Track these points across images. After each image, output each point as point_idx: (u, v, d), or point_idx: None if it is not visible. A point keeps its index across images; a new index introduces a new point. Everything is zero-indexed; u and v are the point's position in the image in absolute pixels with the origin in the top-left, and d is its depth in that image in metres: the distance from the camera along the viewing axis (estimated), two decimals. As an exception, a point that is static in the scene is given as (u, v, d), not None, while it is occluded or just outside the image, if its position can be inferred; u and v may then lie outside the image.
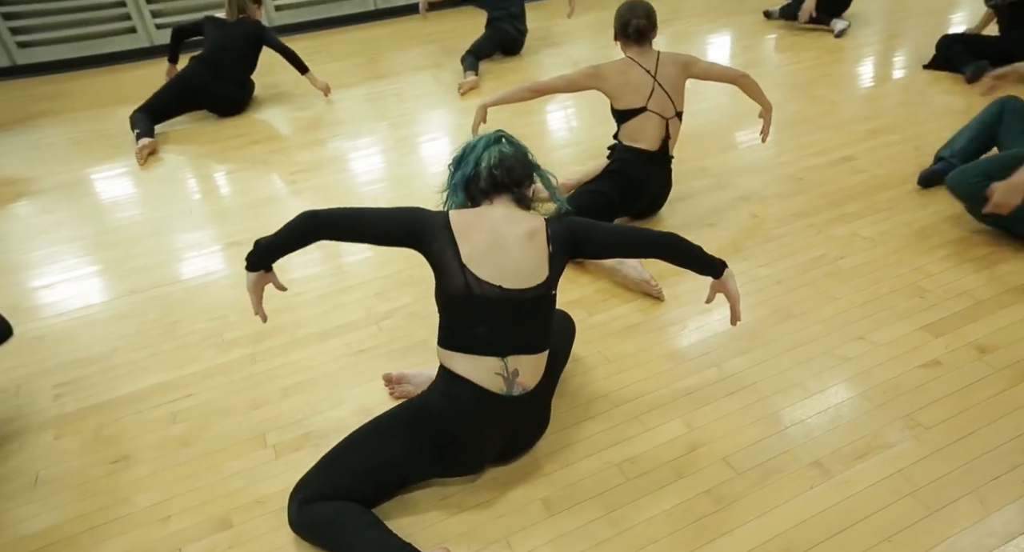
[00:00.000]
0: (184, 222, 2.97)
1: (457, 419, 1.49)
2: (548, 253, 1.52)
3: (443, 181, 1.75)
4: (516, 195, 1.64)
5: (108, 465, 1.75)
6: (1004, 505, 1.43)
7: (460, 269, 1.47)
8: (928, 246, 2.30)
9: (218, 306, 2.36)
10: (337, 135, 3.78)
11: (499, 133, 1.69)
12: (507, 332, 1.47)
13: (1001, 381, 1.74)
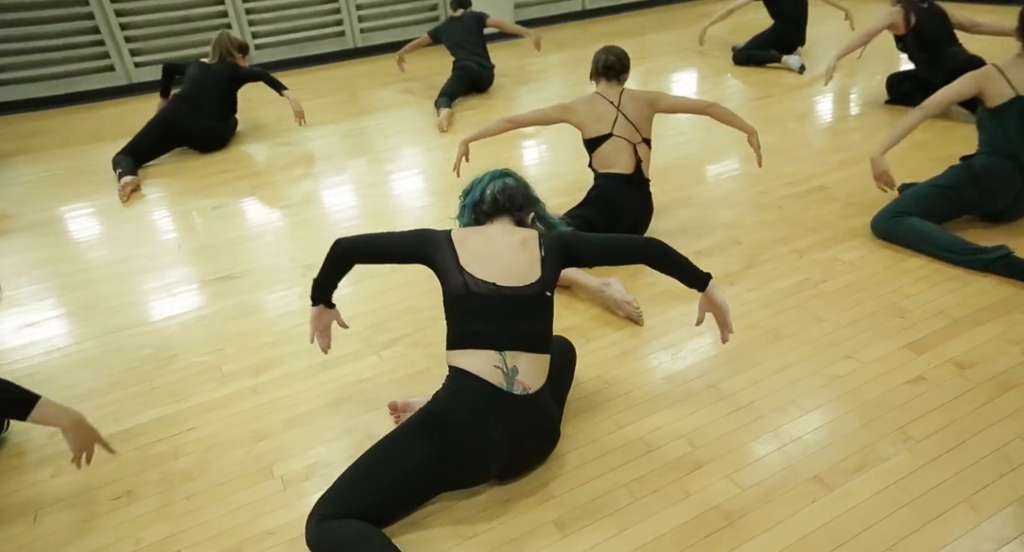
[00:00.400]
0: (173, 257, 2.97)
1: (461, 413, 1.54)
2: (540, 256, 1.66)
3: (443, 212, 1.83)
4: (515, 218, 1.80)
5: (110, 502, 1.73)
6: (995, 512, 1.50)
7: (459, 271, 1.62)
8: (904, 269, 2.42)
9: (215, 340, 2.36)
10: (323, 170, 3.83)
11: (505, 169, 1.86)
12: (503, 327, 1.57)
13: (982, 395, 1.83)
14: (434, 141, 4.14)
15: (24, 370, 2.26)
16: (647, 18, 7.22)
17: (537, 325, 1.62)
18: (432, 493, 1.60)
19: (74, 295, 2.71)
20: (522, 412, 1.57)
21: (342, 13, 6.34)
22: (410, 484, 1.54)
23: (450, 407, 1.56)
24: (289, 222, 3.24)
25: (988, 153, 2.51)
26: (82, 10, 5.48)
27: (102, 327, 2.49)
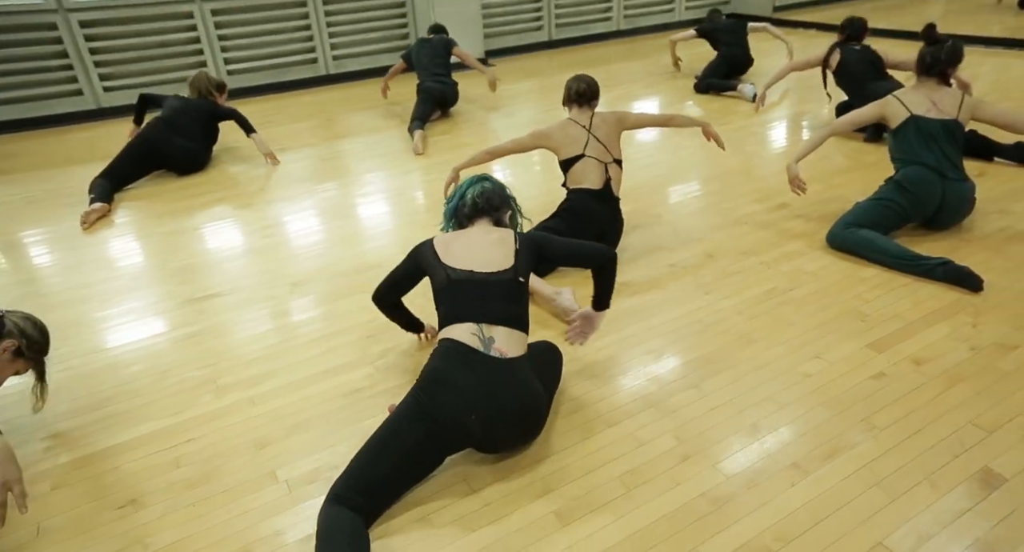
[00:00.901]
0: (158, 276, 2.99)
1: (441, 368, 1.74)
2: (515, 249, 1.89)
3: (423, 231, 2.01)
4: (494, 218, 2.05)
5: (115, 511, 1.75)
6: (952, 488, 1.65)
7: (442, 267, 1.87)
8: (861, 277, 2.60)
9: (207, 355, 2.40)
10: (302, 192, 3.90)
11: (483, 175, 2.13)
12: (480, 305, 1.79)
13: (936, 387, 2.00)
14: (410, 164, 4.25)
15: (10, 387, 2.25)
16: (611, 49, 7.52)
17: (511, 306, 1.81)
18: (431, 459, 1.73)
19: (57, 315, 2.70)
20: (499, 373, 1.72)
21: (315, 40, 6.45)
22: (411, 454, 1.67)
23: (434, 367, 1.76)
24: (271, 242, 3.29)
25: (903, 166, 2.81)
26: (50, 34, 5.47)
27: (89, 346, 2.50)
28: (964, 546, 1.50)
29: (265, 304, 2.71)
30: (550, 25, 7.61)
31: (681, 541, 1.56)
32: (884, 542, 1.52)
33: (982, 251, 2.73)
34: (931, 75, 2.84)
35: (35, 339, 1.95)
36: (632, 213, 3.23)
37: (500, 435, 1.75)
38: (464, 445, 1.76)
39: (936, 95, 2.79)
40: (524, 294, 1.88)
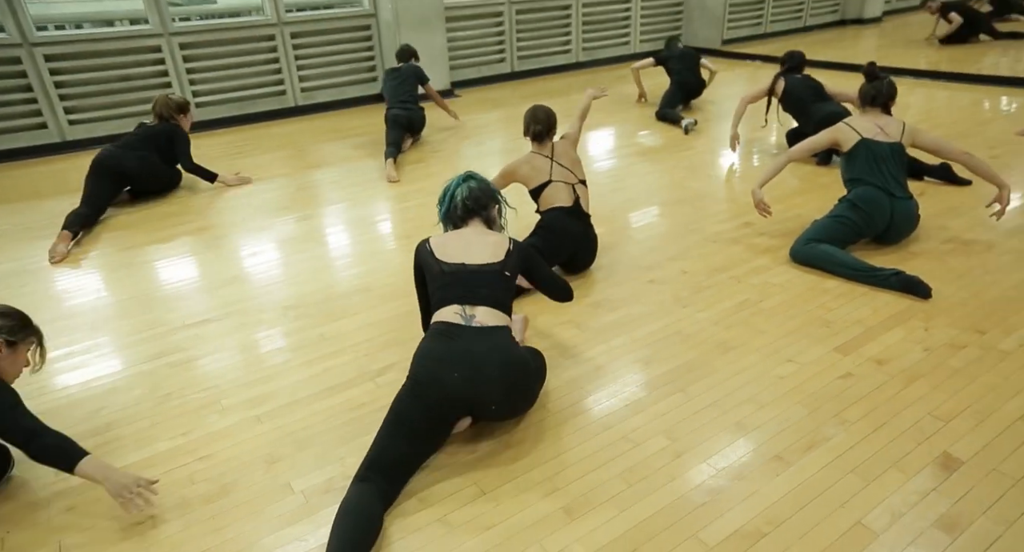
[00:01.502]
0: (145, 305, 3.02)
1: (427, 341, 1.97)
2: (507, 249, 2.11)
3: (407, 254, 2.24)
4: (484, 217, 2.24)
5: (135, 527, 1.80)
6: (918, 471, 1.83)
7: (436, 262, 2.08)
8: (824, 288, 2.82)
9: (207, 378, 2.45)
10: (282, 220, 3.97)
11: (468, 173, 2.30)
12: (466, 290, 2.00)
13: (897, 384, 2.20)
14: (385, 191, 4.37)
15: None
16: (571, 79, 7.82)
17: (495, 292, 2.01)
18: (438, 430, 1.91)
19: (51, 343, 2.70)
20: (478, 338, 1.91)
21: (283, 72, 6.54)
22: (419, 429, 1.85)
23: (420, 346, 1.98)
24: (256, 268, 3.35)
25: (854, 187, 3.08)
26: (14, 68, 5.44)
27: (84, 372, 2.52)
28: (931, 521, 1.68)
29: (258, 328, 2.78)
30: (512, 57, 7.89)
31: (682, 528, 1.69)
32: (862, 521, 1.69)
33: (927, 263, 2.99)
34: (875, 105, 3.14)
35: (10, 322, 1.92)
36: (608, 233, 3.42)
37: (489, 394, 1.87)
38: (461, 409, 1.90)
39: (881, 122, 3.08)
40: (509, 286, 2.08)
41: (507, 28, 7.71)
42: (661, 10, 8.91)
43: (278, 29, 6.40)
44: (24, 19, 5.35)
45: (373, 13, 6.81)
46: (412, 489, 1.86)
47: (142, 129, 4.35)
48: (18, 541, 1.77)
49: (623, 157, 4.81)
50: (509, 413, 2.00)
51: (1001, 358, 2.31)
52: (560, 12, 8.06)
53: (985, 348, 2.37)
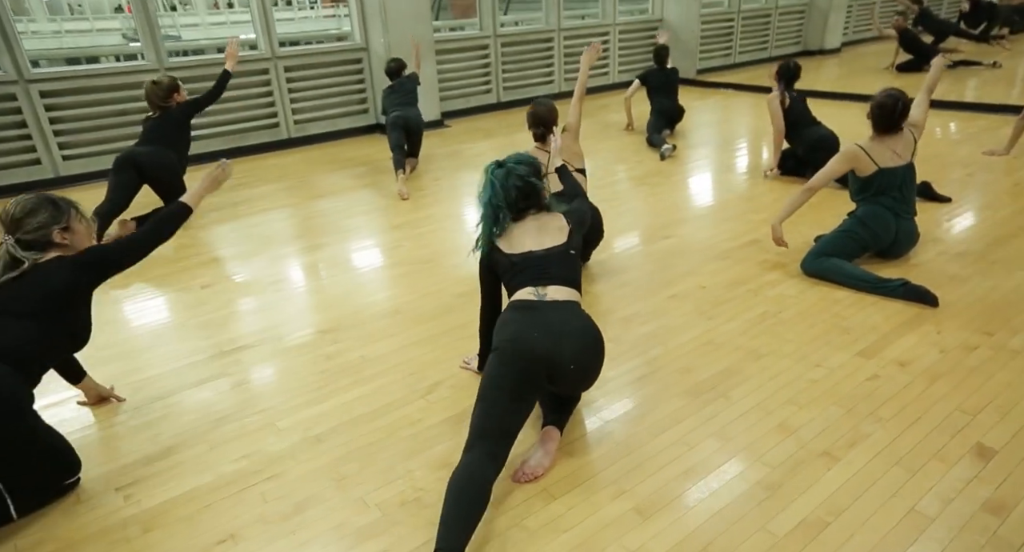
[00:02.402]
0: (179, 333, 3.04)
1: (508, 314, 2.06)
2: (568, 230, 2.20)
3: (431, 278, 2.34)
4: (537, 206, 2.26)
5: (216, 546, 1.83)
6: (957, 461, 1.97)
7: (506, 257, 2.17)
8: (836, 298, 2.99)
9: (257, 400, 2.49)
10: (300, 248, 4.03)
11: (500, 163, 2.29)
12: (537, 273, 2.09)
13: (921, 383, 2.36)
14: (397, 219, 4.46)
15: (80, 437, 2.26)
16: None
17: (563, 271, 2.11)
18: (529, 393, 1.96)
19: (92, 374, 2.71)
20: (554, 308, 2.02)
21: (277, 106, 6.63)
22: (514, 393, 1.91)
23: (499, 320, 2.09)
24: (284, 295, 3.39)
25: (863, 205, 3.26)
26: (10, 105, 5.43)
27: (133, 401, 2.53)
28: (978, 505, 1.81)
29: (298, 352, 2.82)
30: (498, 88, 8.10)
31: (750, 522, 1.79)
32: (916, 508, 1.81)
33: (929, 272, 3.19)
34: (894, 132, 3.20)
35: (48, 212, 2.00)
36: (621, 254, 3.56)
37: (569, 350, 1.95)
38: (543, 368, 1.94)
39: (895, 145, 3.19)
40: (576, 264, 2.19)
41: (493, 60, 7.93)
42: (638, 42, 9.27)
43: (272, 63, 6.50)
44: (20, 56, 5.36)
45: (365, 47, 6.97)
46: (484, 498, 1.93)
47: (147, 124, 4.44)
48: (103, 564, 1.79)
49: (621, 183, 4.99)
50: (583, 377, 2.05)
51: (1012, 356, 2.49)
52: (543, 45, 8.33)
53: (996, 348, 2.55)
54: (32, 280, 1.94)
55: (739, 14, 10.23)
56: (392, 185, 5.09)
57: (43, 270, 1.96)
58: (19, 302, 1.92)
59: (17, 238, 1.96)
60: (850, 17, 11.86)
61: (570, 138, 3.33)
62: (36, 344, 1.95)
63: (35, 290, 1.93)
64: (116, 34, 24.61)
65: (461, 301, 3.14)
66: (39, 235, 1.98)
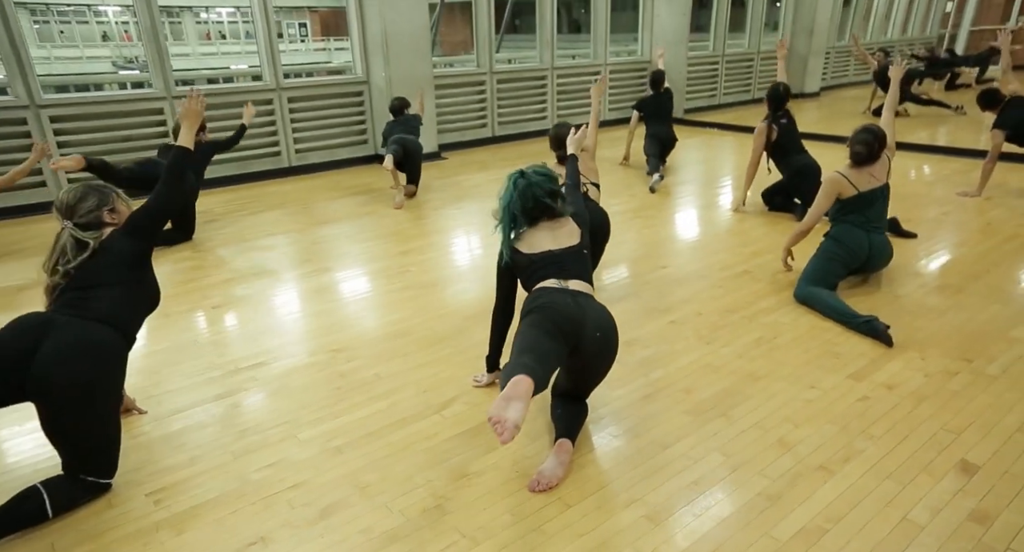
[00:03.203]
0: (193, 351, 3.12)
1: (543, 292, 2.23)
2: (579, 232, 2.41)
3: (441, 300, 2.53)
4: (550, 213, 2.42)
5: (247, 547, 1.91)
6: (944, 475, 2.12)
7: (526, 256, 2.37)
8: (826, 326, 3.16)
9: (278, 414, 2.58)
10: (307, 272, 4.14)
11: (520, 174, 2.45)
12: (557, 268, 2.29)
13: (908, 405, 2.51)
14: (403, 245, 4.60)
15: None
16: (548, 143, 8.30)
17: (579, 268, 2.32)
18: (561, 337, 2.09)
19: (107, 388, 2.79)
20: (577, 294, 2.21)
21: (279, 135, 6.79)
22: (549, 329, 2.08)
23: (531, 295, 2.27)
24: (295, 316, 3.50)
25: (834, 223, 3.51)
26: (19, 129, 5.54)
27: (154, 413, 2.61)
28: (964, 515, 1.95)
29: (312, 369, 2.92)
30: (493, 123, 8.36)
31: (754, 528, 1.91)
32: (908, 517, 1.94)
33: (910, 304, 3.38)
34: (871, 162, 3.44)
35: (96, 198, 2.24)
36: (622, 283, 3.72)
37: (596, 320, 2.16)
38: (574, 329, 2.10)
39: (873, 169, 3.45)
40: (587, 262, 2.39)
41: (489, 96, 8.20)
42: (628, 81, 9.62)
43: (276, 94, 6.69)
44: (33, 82, 5.49)
45: (366, 80, 7.19)
46: (503, 507, 2.03)
47: (167, 152, 4.61)
48: (139, 564, 1.86)
49: (615, 216, 5.10)
50: (603, 349, 2.20)
51: (991, 382, 2.66)
52: (537, 82, 8.63)
53: (975, 374, 2.72)
54: (103, 255, 2.18)
55: (723, 57, 10.68)
56: (391, 214, 5.24)
57: (107, 245, 2.20)
58: (102, 274, 2.16)
59: (75, 222, 2.19)
60: (828, 63, 12.41)
61: (587, 157, 3.60)
62: (129, 306, 2.22)
63: (110, 260, 2.18)
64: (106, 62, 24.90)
65: (470, 323, 3.27)
66: (92, 217, 2.22)
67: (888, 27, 13.96)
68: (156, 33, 5.93)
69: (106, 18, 26.68)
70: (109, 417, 2.11)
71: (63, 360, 1.95)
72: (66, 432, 2.00)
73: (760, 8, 10.86)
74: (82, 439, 2.03)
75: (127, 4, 24.93)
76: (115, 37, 26.51)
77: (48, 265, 2.16)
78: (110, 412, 2.12)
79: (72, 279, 2.13)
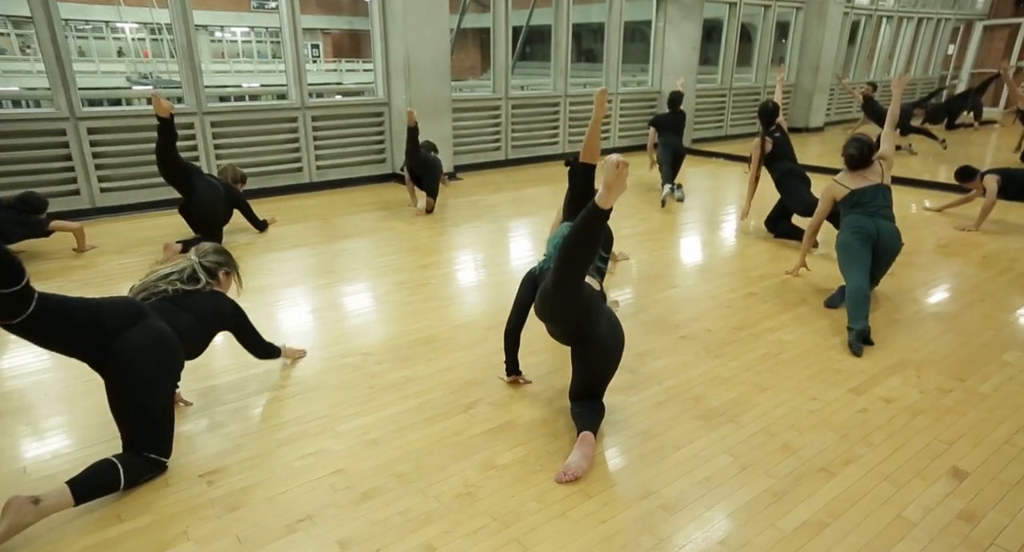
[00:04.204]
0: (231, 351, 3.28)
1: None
2: None
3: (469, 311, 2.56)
4: None
5: (297, 523, 2.08)
6: (936, 479, 2.29)
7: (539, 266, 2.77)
8: (830, 345, 3.36)
9: (315, 408, 2.76)
10: (332, 282, 4.34)
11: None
12: None
13: (905, 417, 2.69)
14: (424, 258, 4.81)
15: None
16: (558, 168, 8.52)
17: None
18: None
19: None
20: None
21: (301, 152, 7.05)
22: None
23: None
24: (323, 322, 3.69)
25: (845, 217, 3.81)
26: (58, 139, 5.79)
27: (199, 405, 2.78)
28: (954, 514, 2.12)
29: (345, 370, 3.10)
30: (507, 146, 8.63)
31: (761, 520, 2.09)
32: (902, 514, 2.12)
33: (909, 326, 3.58)
34: (864, 167, 3.81)
35: (227, 257, 2.78)
36: (635, 301, 3.91)
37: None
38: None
39: (865, 173, 3.80)
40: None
41: (503, 120, 8.49)
42: (638, 111, 9.92)
43: (301, 112, 6.96)
44: (73, 95, 5.75)
45: (387, 102, 7.47)
46: (529, 495, 2.21)
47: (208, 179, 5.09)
48: (201, 533, 2.03)
49: (627, 238, 5.38)
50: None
51: (982, 399, 2.84)
52: (550, 108, 8.93)
53: (968, 391, 2.90)
54: (202, 297, 2.61)
55: (731, 90, 11.00)
56: (411, 230, 5.46)
57: (210, 293, 2.66)
58: (196, 308, 2.55)
59: (200, 262, 2.64)
60: (832, 99, 12.74)
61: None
62: (195, 339, 2.55)
63: (205, 303, 2.61)
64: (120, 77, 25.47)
65: (491, 333, 3.46)
66: (214, 268, 2.69)
67: (891, 67, 14.34)
68: (192, 51, 6.21)
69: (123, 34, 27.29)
70: (167, 403, 2.33)
71: (144, 347, 2.23)
72: (131, 408, 2.21)
73: (767, 44, 11.22)
74: (145, 416, 2.25)
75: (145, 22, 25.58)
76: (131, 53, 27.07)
77: (158, 271, 2.57)
78: (167, 399, 2.33)
79: (173, 295, 2.52)
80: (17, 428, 2.63)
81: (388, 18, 7.10)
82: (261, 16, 27.98)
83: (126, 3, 24.43)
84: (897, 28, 13.86)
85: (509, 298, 2.83)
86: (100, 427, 2.56)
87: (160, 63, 25.75)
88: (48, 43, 5.54)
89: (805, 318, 3.70)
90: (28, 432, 2.61)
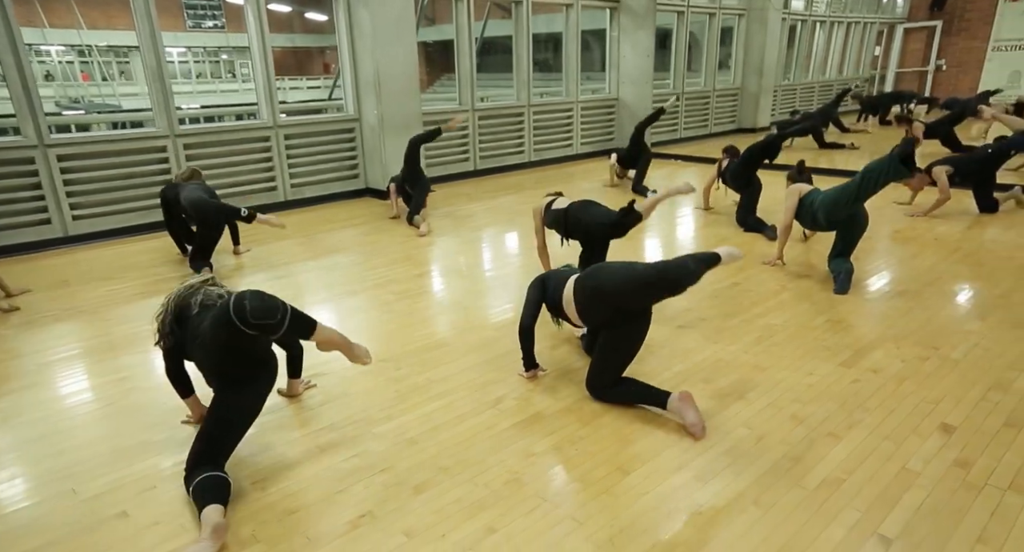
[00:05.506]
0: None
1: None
2: None
3: (472, 317, 2.74)
4: None
5: (359, 519, 2.19)
6: (929, 435, 2.56)
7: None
8: (814, 325, 3.63)
9: (350, 414, 2.86)
10: (335, 295, 4.42)
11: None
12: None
13: (892, 384, 2.97)
14: (419, 268, 4.93)
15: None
16: (524, 176, 8.82)
17: None
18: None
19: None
20: None
21: (275, 170, 7.07)
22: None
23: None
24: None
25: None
26: (27, 168, 5.69)
27: (231, 418, 2.86)
28: (950, 462, 2.38)
29: (368, 377, 3.20)
30: (475, 157, 8.81)
31: (787, 481, 2.30)
32: (906, 466, 2.37)
33: (881, 303, 3.90)
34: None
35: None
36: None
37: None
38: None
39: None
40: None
41: (471, 132, 8.66)
42: (597, 118, 10.24)
43: (273, 131, 6.99)
44: (41, 122, 5.67)
45: (357, 118, 7.56)
46: (572, 476, 2.37)
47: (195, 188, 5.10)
48: (267, 534, 2.12)
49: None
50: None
51: (955, 364, 3.14)
52: (515, 119, 9.15)
53: (942, 358, 3.20)
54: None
55: (683, 95, 11.45)
56: (397, 241, 5.57)
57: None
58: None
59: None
60: (776, 99, 13.36)
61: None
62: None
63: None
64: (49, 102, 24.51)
65: (500, 334, 3.61)
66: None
67: (826, 68, 15.10)
68: (162, 74, 6.20)
69: (49, 58, 26.29)
70: None
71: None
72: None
73: (713, 50, 11.71)
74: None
75: (73, 44, 24.67)
76: (59, 77, 26.04)
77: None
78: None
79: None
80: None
81: (356, 35, 7.20)
82: (197, 35, 27.31)
83: (51, 25, 23.58)
84: (830, 32, 14.63)
85: (509, 300, 3.03)
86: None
87: (92, 86, 24.85)
88: (13, 69, 5.47)
89: (787, 303, 3.98)
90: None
